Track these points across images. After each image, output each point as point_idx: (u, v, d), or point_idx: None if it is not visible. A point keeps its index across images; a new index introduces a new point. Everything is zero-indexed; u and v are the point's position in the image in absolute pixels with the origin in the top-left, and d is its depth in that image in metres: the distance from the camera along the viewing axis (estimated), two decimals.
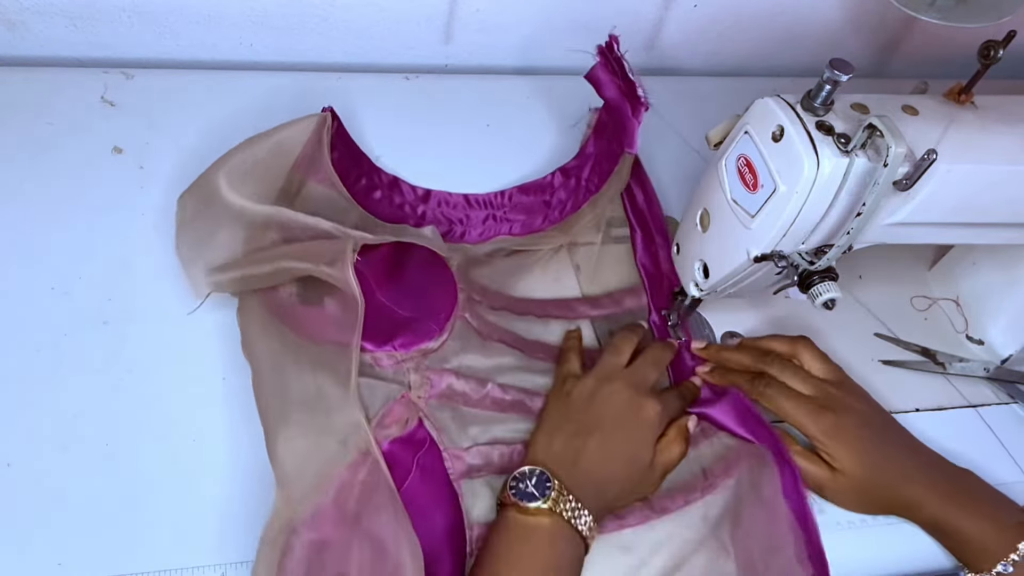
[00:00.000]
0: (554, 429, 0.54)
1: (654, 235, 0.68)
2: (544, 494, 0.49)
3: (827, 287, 0.52)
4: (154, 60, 0.75)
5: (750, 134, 0.52)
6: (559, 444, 0.53)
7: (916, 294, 0.72)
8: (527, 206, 0.69)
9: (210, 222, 0.59)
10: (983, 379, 0.67)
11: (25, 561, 0.48)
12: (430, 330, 0.58)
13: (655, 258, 0.67)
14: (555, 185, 0.70)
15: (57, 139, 0.67)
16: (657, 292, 0.66)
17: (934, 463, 0.57)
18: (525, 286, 0.65)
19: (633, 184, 0.70)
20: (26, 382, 0.54)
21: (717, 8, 0.82)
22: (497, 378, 0.59)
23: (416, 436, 0.55)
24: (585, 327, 0.64)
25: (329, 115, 0.65)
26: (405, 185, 0.69)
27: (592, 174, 0.70)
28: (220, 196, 0.59)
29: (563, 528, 0.49)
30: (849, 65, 0.47)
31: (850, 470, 0.55)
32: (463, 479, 0.54)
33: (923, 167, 0.47)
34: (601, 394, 0.55)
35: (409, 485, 0.52)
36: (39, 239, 0.61)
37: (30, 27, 0.71)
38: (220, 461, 0.53)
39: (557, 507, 0.49)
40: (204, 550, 0.49)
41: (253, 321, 0.58)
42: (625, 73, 0.65)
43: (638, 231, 0.69)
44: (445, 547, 0.51)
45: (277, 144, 0.62)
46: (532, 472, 0.50)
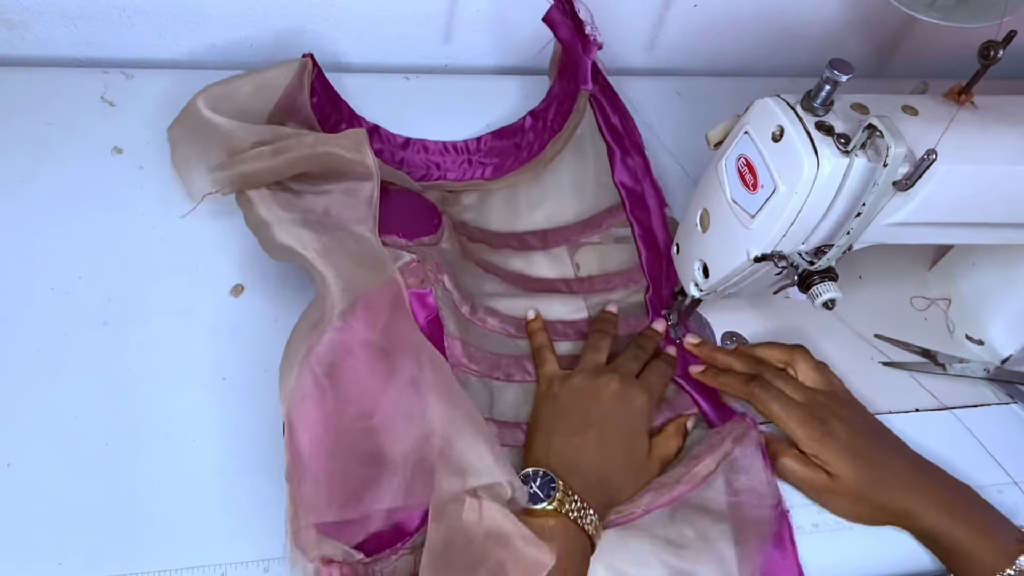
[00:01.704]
0: (550, 430, 0.55)
1: (631, 151, 0.70)
2: (549, 495, 0.49)
3: (827, 287, 0.52)
4: (154, 60, 0.75)
5: (750, 134, 0.52)
6: (558, 444, 0.53)
7: (916, 294, 0.72)
8: (500, 150, 0.72)
9: (202, 139, 0.61)
10: (983, 380, 0.67)
11: (25, 561, 0.48)
12: (428, 226, 0.60)
13: (634, 174, 0.69)
14: (525, 128, 0.73)
15: (57, 139, 0.67)
16: (638, 206, 0.68)
17: (931, 473, 0.57)
18: (499, 222, 0.68)
19: (608, 108, 0.71)
20: (26, 382, 0.54)
21: (717, 8, 0.82)
22: (482, 302, 0.61)
23: (427, 299, 0.56)
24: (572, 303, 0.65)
25: (309, 60, 0.66)
26: (385, 132, 0.71)
27: (556, 114, 0.72)
28: (204, 119, 0.60)
29: (569, 528, 0.49)
30: (849, 65, 0.47)
31: (845, 476, 0.55)
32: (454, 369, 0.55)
33: (923, 167, 0.47)
34: (589, 390, 0.56)
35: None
36: (39, 239, 0.61)
37: (30, 27, 0.71)
38: (220, 461, 0.53)
39: (563, 507, 0.49)
40: (204, 550, 0.49)
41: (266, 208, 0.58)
42: (575, 12, 0.67)
43: (616, 150, 0.70)
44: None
45: (258, 85, 0.63)
46: (536, 474, 0.50)
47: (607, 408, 0.55)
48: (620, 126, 0.71)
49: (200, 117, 0.61)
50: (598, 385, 0.56)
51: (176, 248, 0.63)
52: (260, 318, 0.60)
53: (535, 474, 0.50)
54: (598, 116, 0.71)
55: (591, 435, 0.54)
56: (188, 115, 0.62)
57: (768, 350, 0.62)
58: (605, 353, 0.60)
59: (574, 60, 0.69)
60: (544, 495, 0.49)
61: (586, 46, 0.67)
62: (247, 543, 0.50)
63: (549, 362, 0.60)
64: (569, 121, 0.70)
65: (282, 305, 0.61)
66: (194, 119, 0.61)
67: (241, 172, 0.58)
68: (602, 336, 0.61)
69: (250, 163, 0.58)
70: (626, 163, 0.70)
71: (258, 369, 0.57)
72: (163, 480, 0.52)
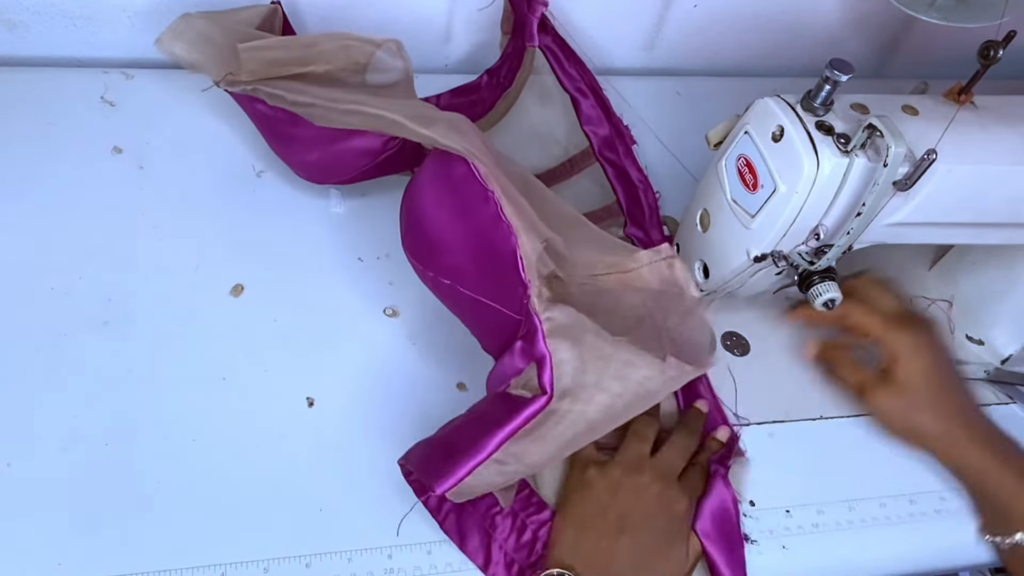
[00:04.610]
0: (581, 527, 0.51)
1: (590, 97, 0.71)
2: None
3: (827, 287, 0.52)
4: (154, 60, 0.75)
5: (750, 134, 0.52)
6: (588, 545, 0.50)
7: (916, 294, 0.72)
8: (458, 106, 0.74)
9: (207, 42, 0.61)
10: (983, 381, 0.67)
11: (25, 561, 0.48)
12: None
13: (598, 117, 0.70)
14: (481, 86, 0.75)
15: (57, 139, 0.67)
16: (606, 148, 0.70)
17: (983, 412, 0.57)
18: None
19: (563, 58, 0.72)
20: (26, 382, 0.54)
21: (717, 8, 0.82)
22: None
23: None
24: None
25: (279, 7, 0.67)
26: None
27: (508, 71, 0.73)
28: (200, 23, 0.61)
29: None
30: (849, 65, 0.47)
31: (915, 384, 0.54)
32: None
33: (923, 167, 0.47)
34: (627, 487, 0.52)
35: None
36: (39, 239, 0.61)
37: (30, 27, 0.71)
38: (220, 461, 0.53)
39: None
40: (204, 550, 0.49)
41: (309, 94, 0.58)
42: None
43: (578, 98, 0.71)
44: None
45: (231, 22, 0.63)
46: (562, 575, 0.48)
47: (645, 512, 0.51)
48: (576, 73, 0.72)
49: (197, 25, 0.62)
50: (638, 485, 0.51)
51: (176, 248, 0.63)
52: (260, 318, 0.60)
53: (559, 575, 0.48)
54: (555, 68, 0.72)
55: (625, 541, 0.50)
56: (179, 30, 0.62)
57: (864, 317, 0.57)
58: (649, 444, 0.54)
59: (521, 18, 0.70)
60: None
61: (531, 4, 0.68)
62: (247, 543, 0.50)
63: (587, 445, 0.53)
64: (517, 78, 0.72)
65: (282, 305, 0.61)
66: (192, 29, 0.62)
67: (266, 58, 0.59)
68: (648, 424, 0.56)
69: (274, 51, 0.59)
70: (588, 109, 0.71)
71: (258, 369, 0.57)
72: (163, 480, 0.52)
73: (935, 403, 0.55)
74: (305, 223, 0.66)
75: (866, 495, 0.58)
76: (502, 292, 0.49)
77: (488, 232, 0.49)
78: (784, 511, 0.56)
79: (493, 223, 0.48)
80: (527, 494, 0.54)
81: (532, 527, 0.52)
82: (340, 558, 0.50)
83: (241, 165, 0.69)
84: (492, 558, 0.51)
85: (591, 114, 0.71)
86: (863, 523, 0.57)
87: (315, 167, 0.63)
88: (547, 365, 0.45)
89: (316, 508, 0.52)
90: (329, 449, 0.55)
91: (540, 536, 0.52)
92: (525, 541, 0.52)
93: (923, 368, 0.55)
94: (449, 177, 0.50)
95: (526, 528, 0.52)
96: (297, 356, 0.59)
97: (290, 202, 0.67)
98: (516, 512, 0.53)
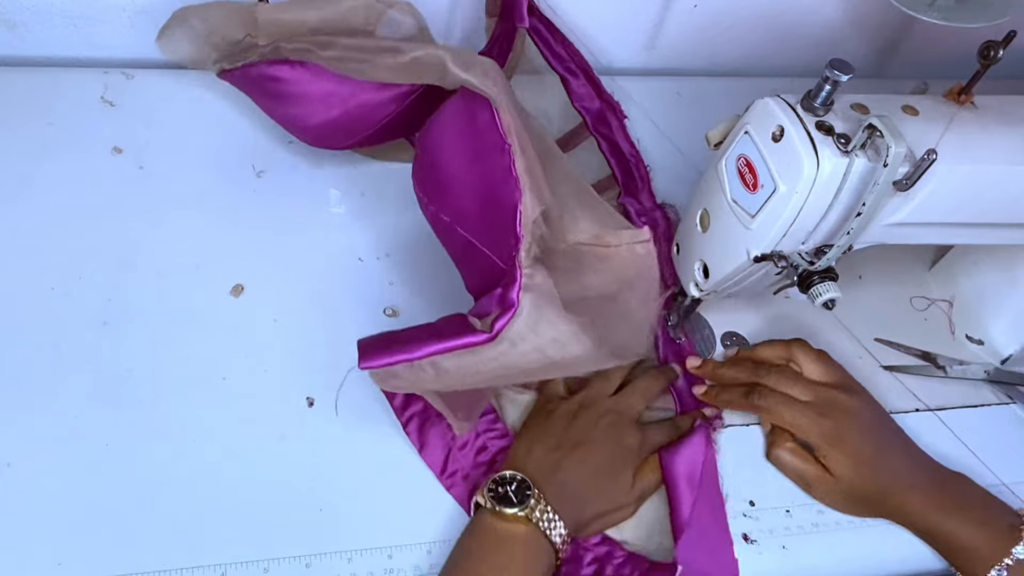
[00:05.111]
0: (534, 440, 0.54)
1: (580, 75, 0.72)
2: (523, 501, 0.49)
3: (827, 287, 0.52)
4: (154, 60, 0.75)
5: (750, 134, 0.51)
6: (539, 453, 0.53)
7: (916, 294, 0.72)
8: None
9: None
10: (983, 381, 0.67)
11: (25, 561, 0.48)
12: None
13: (589, 95, 0.72)
14: None
15: (57, 139, 0.67)
16: (600, 123, 0.71)
17: (927, 466, 0.57)
18: None
19: (550, 38, 0.73)
20: (26, 382, 0.54)
21: (717, 8, 0.82)
22: None
23: None
24: None
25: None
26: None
27: (498, 54, 0.73)
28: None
29: (538, 538, 0.49)
30: (849, 65, 0.47)
31: (846, 476, 0.55)
32: None
33: (923, 167, 0.47)
34: (583, 417, 0.55)
35: None
36: (39, 239, 0.61)
37: (30, 27, 0.71)
38: (220, 461, 0.53)
39: (533, 515, 0.49)
40: (204, 550, 0.49)
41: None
42: None
43: (567, 77, 0.72)
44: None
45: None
46: (513, 477, 0.51)
47: (597, 435, 0.54)
48: (565, 53, 0.73)
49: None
50: (596, 412, 0.56)
51: (176, 248, 0.63)
52: (260, 318, 0.60)
53: (512, 478, 0.50)
54: (542, 49, 0.72)
55: (575, 454, 0.53)
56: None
57: (766, 349, 0.61)
58: (614, 386, 0.59)
59: (509, 0, 0.71)
60: (518, 500, 0.49)
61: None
62: (247, 543, 0.50)
63: (555, 381, 0.59)
64: (509, 59, 0.72)
65: (282, 305, 0.61)
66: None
67: (283, 19, 0.59)
68: (617, 368, 0.59)
69: (291, 11, 0.59)
70: (579, 87, 0.72)
71: (258, 369, 0.57)
72: (163, 480, 0.52)
73: (872, 483, 0.56)
74: (305, 223, 0.66)
75: None
76: (495, 240, 0.51)
77: (496, 182, 0.51)
78: (784, 511, 0.56)
79: (503, 175, 0.50)
80: (492, 419, 0.57)
81: (492, 450, 0.56)
82: (340, 558, 0.50)
83: (241, 165, 0.69)
84: (448, 469, 0.55)
85: (582, 92, 0.72)
86: (863, 523, 0.57)
87: (332, 127, 0.62)
88: (509, 313, 0.48)
89: (316, 508, 0.52)
90: (329, 449, 0.55)
91: (499, 460, 0.55)
92: (483, 460, 0.56)
93: (849, 456, 0.55)
94: (473, 122, 0.52)
95: (487, 448, 0.56)
96: (297, 356, 0.59)
97: (290, 202, 0.67)
98: (479, 433, 0.57)
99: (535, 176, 0.51)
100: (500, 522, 0.49)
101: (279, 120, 0.66)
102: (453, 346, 0.48)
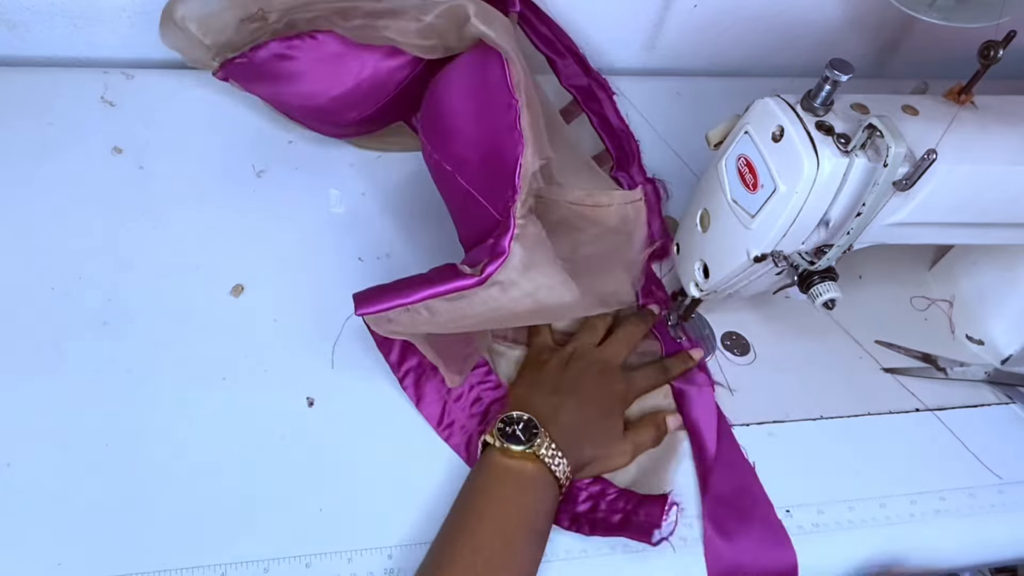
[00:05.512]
0: (532, 385, 0.57)
1: (566, 55, 0.73)
2: (530, 440, 0.51)
3: (827, 287, 0.52)
4: (154, 60, 0.75)
5: (750, 134, 0.51)
6: (539, 399, 0.55)
7: (916, 294, 0.72)
8: None
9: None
10: (983, 381, 0.66)
11: (25, 561, 0.48)
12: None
13: (577, 74, 0.73)
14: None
15: (57, 139, 0.67)
16: (590, 100, 0.73)
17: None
18: None
19: (535, 20, 0.73)
20: (26, 382, 0.54)
21: (717, 8, 0.82)
22: None
23: None
24: None
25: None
26: None
27: None
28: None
29: (544, 473, 0.51)
30: (849, 65, 0.47)
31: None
32: None
33: (923, 167, 0.47)
34: (573, 367, 0.58)
35: None
36: (39, 239, 0.61)
37: (30, 27, 0.71)
38: (219, 461, 0.53)
39: (539, 452, 0.51)
40: (204, 550, 0.49)
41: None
42: None
43: (554, 58, 0.73)
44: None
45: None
46: (520, 418, 0.53)
47: (588, 384, 0.57)
48: (551, 34, 0.73)
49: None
50: (585, 362, 0.58)
51: (176, 248, 0.63)
52: (260, 318, 0.60)
53: (518, 418, 0.52)
54: (529, 33, 0.73)
55: (571, 401, 0.55)
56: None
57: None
58: (599, 335, 0.61)
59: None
60: (525, 438, 0.51)
61: None
62: (247, 543, 0.50)
63: (542, 334, 0.62)
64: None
65: (282, 305, 0.61)
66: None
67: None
68: (602, 317, 0.62)
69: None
70: (567, 67, 0.73)
71: (258, 369, 0.57)
72: (163, 480, 0.52)
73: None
74: (305, 223, 0.66)
75: (866, 495, 0.58)
76: (493, 191, 0.53)
77: (501, 136, 0.52)
78: (784, 511, 0.56)
79: (508, 129, 0.52)
80: (485, 371, 0.60)
81: (486, 401, 0.58)
82: (340, 558, 0.50)
83: (241, 165, 0.69)
84: (444, 420, 0.57)
85: (569, 71, 0.73)
86: (863, 523, 0.57)
87: (344, 102, 0.63)
88: (500, 260, 0.50)
89: (316, 508, 0.52)
90: (329, 449, 0.55)
91: (493, 410, 0.58)
92: (477, 411, 0.58)
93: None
94: (484, 76, 0.54)
95: (480, 399, 0.58)
96: (297, 356, 0.59)
97: (290, 202, 0.67)
98: (473, 384, 0.59)
99: (538, 131, 0.52)
100: (508, 459, 0.51)
101: (288, 105, 0.66)
102: (445, 290, 0.50)
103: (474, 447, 0.55)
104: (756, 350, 0.65)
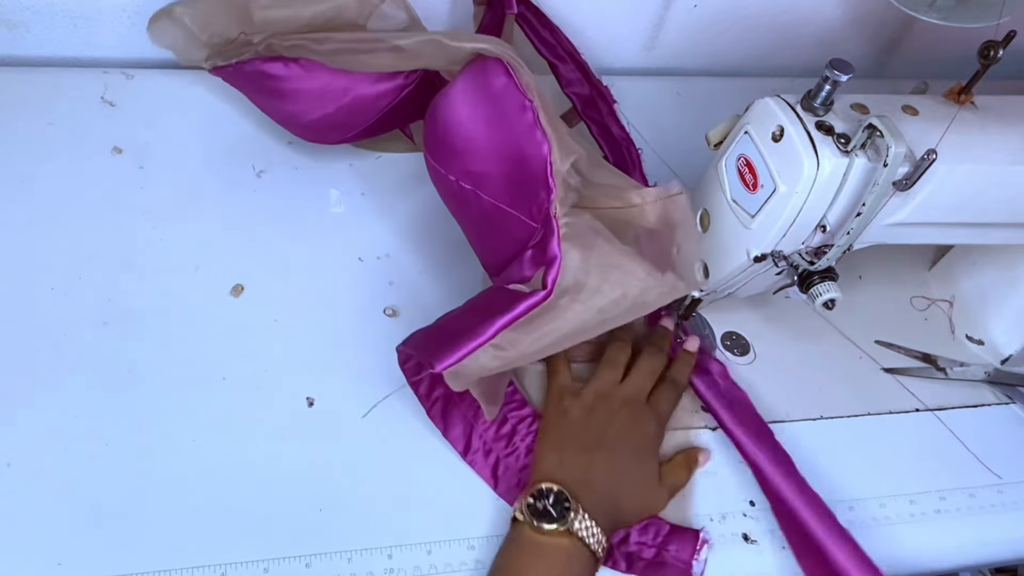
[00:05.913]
0: (559, 444, 0.54)
1: (568, 61, 0.72)
2: (563, 515, 0.49)
3: (827, 287, 0.52)
4: (154, 60, 0.75)
5: (750, 134, 0.52)
6: (568, 460, 0.52)
7: (916, 294, 0.72)
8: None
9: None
10: (983, 381, 0.66)
11: (25, 561, 0.48)
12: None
13: (578, 80, 0.72)
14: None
15: (57, 139, 0.67)
16: (589, 107, 0.72)
17: None
18: None
19: (537, 25, 0.73)
20: (26, 382, 0.54)
21: (717, 8, 0.82)
22: None
23: None
24: None
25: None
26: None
27: None
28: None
29: (579, 549, 0.48)
30: (849, 65, 0.47)
31: None
32: None
33: (923, 167, 0.47)
34: (599, 412, 0.55)
35: None
36: (39, 239, 0.61)
37: (30, 27, 0.71)
38: (220, 461, 0.53)
39: (573, 527, 0.49)
40: (204, 550, 0.49)
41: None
42: None
43: (557, 64, 0.73)
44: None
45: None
46: (549, 491, 0.50)
47: (619, 430, 0.54)
48: (552, 39, 0.73)
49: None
50: (611, 406, 0.55)
51: (176, 248, 0.63)
52: (260, 318, 0.60)
53: (548, 491, 0.50)
54: (530, 35, 0.73)
55: (602, 455, 0.53)
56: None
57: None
58: (620, 371, 0.58)
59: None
60: (557, 514, 0.49)
61: None
62: (247, 543, 0.50)
63: (561, 373, 0.58)
64: None
65: (282, 305, 0.61)
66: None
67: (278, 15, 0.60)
68: (621, 349, 0.59)
69: (285, 8, 0.60)
70: (568, 72, 0.73)
71: (258, 369, 0.57)
72: (163, 480, 0.52)
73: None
74: (305, 223, 0.66)
75: (866, 495, 0.58)
76: (523, 199, 0.52)
77: (521, 140, 0.51)
78: None
79: (528, 131, 0.51)
80: (511, 390, 0.57)
81: (512, 421, 0.56)
82: (340, 558, 0.50)
83: (241, 165, 0.69)
84: (472, 446, 0.55)
85: (571, 77, 0.73)
86: (863, 523, 0.57)
87: (329, 123, 0.63)
88: (556, 265, 0.47)
89: (316, 508, 0.52)
90: (329, 449, 0.55)
91: (519, 430, 0.56)
92: (504, 433, 0.56)
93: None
94: (488, 87, 0.52)
95: (507, 421, 0.56)
96: (297, 356, 0.59)
97: (290, 202, 0.67)
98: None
99: (559, 130, 0.51)
100: (540, 536, 0.48)
101: (275, 117, 0.66)
102: (516, 315, 0.47)
103: (501, 472, 0.54)
104: (756, 350, 0.65)
